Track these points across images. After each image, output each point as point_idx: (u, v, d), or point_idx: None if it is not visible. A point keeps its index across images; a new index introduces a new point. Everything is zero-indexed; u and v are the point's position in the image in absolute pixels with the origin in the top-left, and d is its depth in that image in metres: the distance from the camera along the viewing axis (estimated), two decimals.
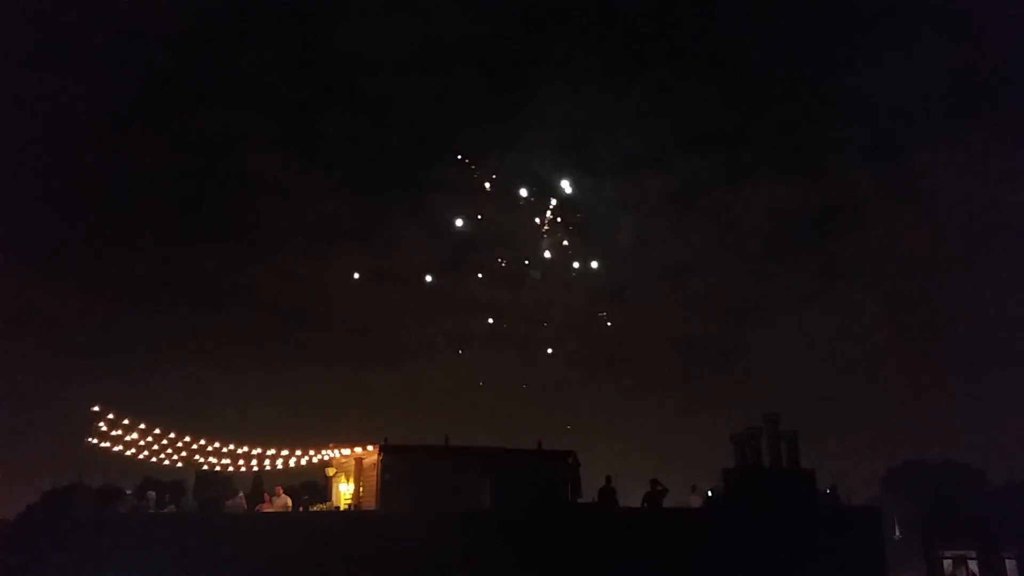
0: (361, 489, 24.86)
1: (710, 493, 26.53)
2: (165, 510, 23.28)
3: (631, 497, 25.07)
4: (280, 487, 24.63)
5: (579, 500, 24.92)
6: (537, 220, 35.99)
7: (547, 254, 36.04)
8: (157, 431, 24.44)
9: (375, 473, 23.85)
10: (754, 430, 27.51)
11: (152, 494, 23.63)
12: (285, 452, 25.80)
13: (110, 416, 23.43)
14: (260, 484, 27.53)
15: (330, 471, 27.13)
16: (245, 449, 25.59)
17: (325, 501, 26.91)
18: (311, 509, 25.25)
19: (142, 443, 24.50)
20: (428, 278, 38.66)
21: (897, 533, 54.24)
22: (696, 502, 26.15)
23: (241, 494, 24.78)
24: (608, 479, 24.64)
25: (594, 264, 36.08)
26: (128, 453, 24.57)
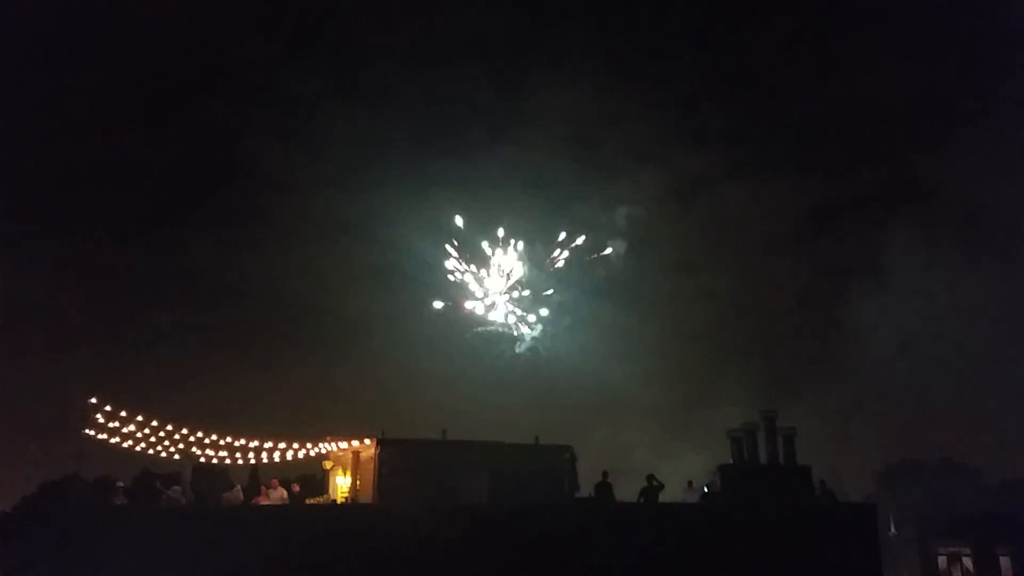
0: (358, 482, 24.89)
1: (706, 489, 26.58)
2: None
3: (627, 492, 25.13)
4: (276, 480, 24.66)
5: (576, 494, 24.98)
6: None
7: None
8: (155, 423, 24.45)
9: (372, 466, 23.89)
10: (751, 426, 27.59)
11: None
12: (282, 445, 25.81)
13: (107, 408, 23.42)
14: (257, 477, 27.54)
15: (327, 464, 27.16)
16: (242, 442, 25.59)
17: (322, 494, 26.94)
18: (308, 502, 25.28)
19: (139, 435, 24.48)
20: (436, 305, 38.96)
21: (892, 530, 54.37)
22: (692, 497, 26.19)
23: (238, 487, 24.78)
24: (604, 474, 24.67)
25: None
26: (125, 445, 24.55)
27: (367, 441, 24.34)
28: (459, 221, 38.94)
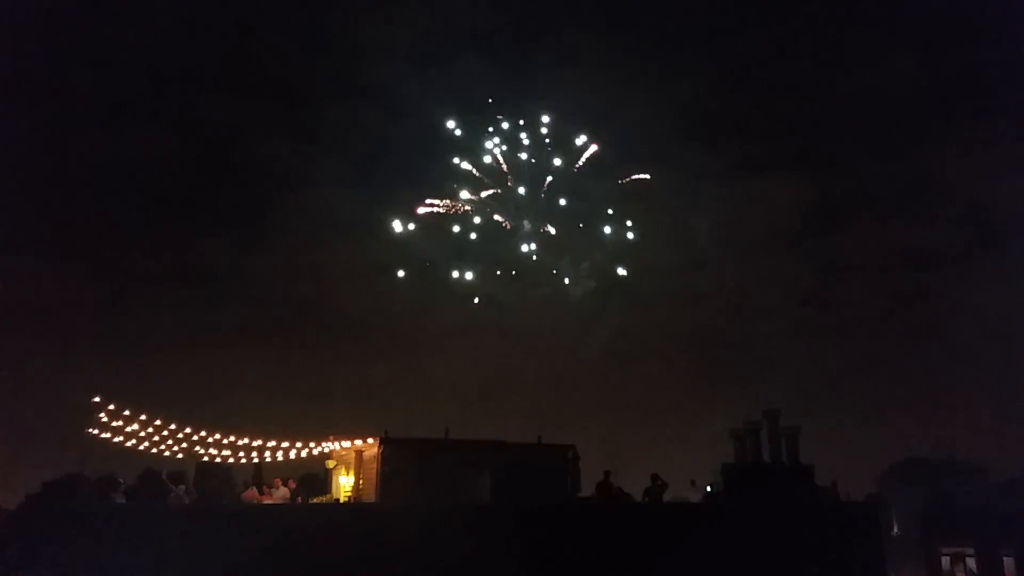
0: (361, 481, 24.91)
1: (709, 488, 26.54)
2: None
3: (631, 491, 25.09)
4: (279, 479, 24.66)
5: (578, 494, 24.96)
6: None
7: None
8: (158, 422, 24.49)
9: (375, 465, 23.91)
10: (754, 425, 27.53)
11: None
12: (285, 444, 25.85)
13: (111, 407, 23.46)
14: (260, 476, 27.55)
15: (330, 463, 27.20)
16: (245, 441, 25.64)
17: (324, 493, 26.97)
18: (311, 501, 25.29)
19: (143, 434, 24.54)
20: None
21: (896, 530, 54.30)
22: (695, 496, 26.17)
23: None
24: (607, 473, 24.64)
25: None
26: (129, 444, 24.60)
27: (370, 440, 24.38)
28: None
